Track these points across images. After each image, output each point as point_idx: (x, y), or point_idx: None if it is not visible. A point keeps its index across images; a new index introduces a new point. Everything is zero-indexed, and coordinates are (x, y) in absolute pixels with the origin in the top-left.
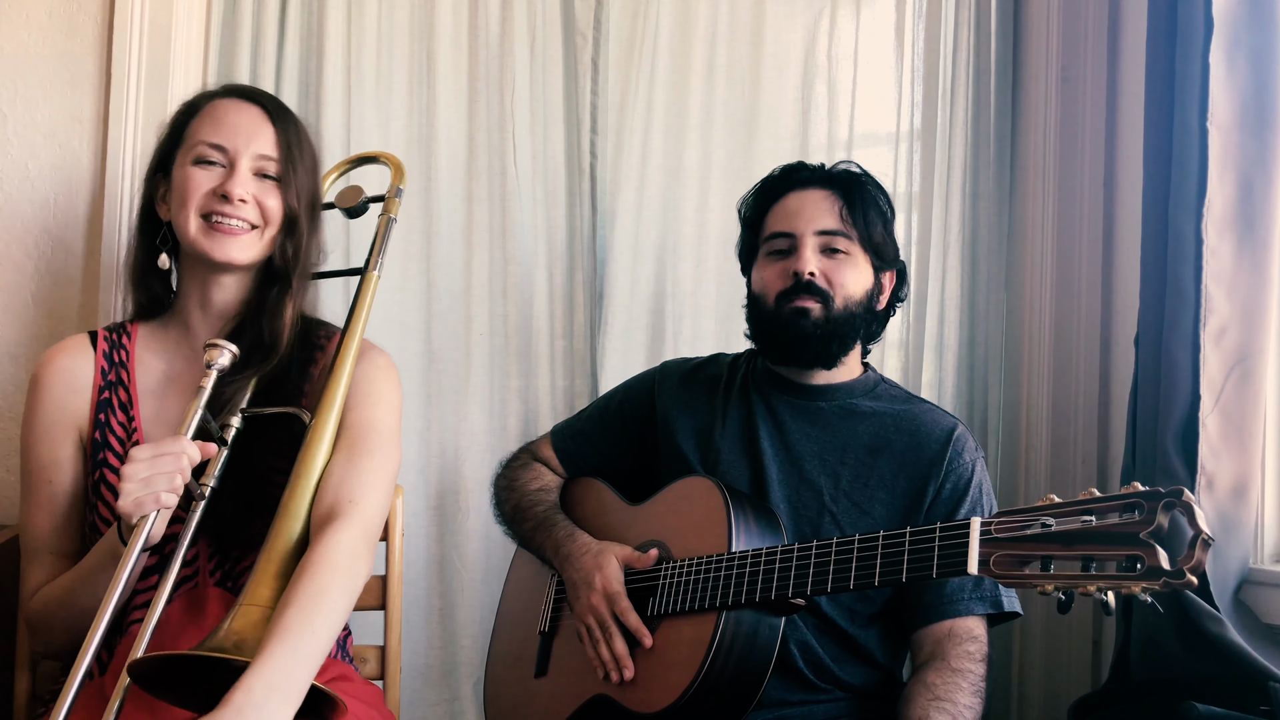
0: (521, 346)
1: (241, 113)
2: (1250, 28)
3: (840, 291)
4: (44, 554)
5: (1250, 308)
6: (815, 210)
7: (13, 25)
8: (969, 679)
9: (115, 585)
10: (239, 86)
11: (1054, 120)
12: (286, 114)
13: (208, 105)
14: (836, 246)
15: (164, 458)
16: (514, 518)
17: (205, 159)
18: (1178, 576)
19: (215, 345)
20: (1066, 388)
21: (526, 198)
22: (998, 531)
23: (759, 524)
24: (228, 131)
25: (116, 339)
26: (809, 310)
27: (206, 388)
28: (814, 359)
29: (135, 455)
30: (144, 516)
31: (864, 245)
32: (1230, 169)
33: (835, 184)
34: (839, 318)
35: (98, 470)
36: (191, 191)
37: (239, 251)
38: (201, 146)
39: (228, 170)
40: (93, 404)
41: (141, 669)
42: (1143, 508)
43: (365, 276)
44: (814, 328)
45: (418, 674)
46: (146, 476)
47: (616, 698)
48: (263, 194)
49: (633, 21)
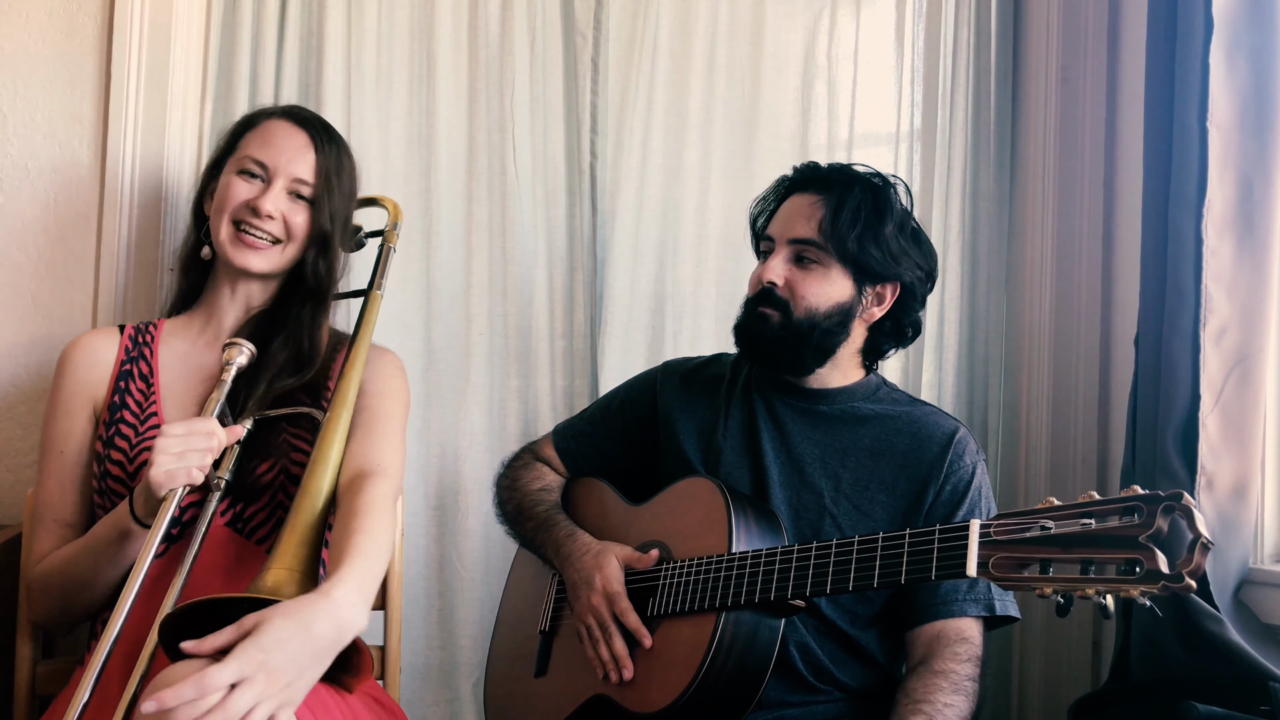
0: (521, 346)
1: (290, 135)
2: (1250, 28)
3: (801, 303)
4: (50, 522)
5: (1250, 308)
6: (796, 217)
7: (13, 25)
8: (950, 678)
9: (145, 556)
10: (296, 110)
11: (1054, 120)
12: (332, 142)
13: (264, 122)
14: (807, 255)
15: (196, 435)
16: (516, 518)
17: (248, 171)
18: (1176, 580)
19: (234, 344)
20: (1066, 388)
21: (526, 198)
22: (997, 534)
23: (760, 525)
24: (273, 151)
25: (143, 327)
26: (768, 317)
27: (227, 381)
28: (775, 363)
29: (168, 430)
30: (173, 490)
31: (839, 257)
32: (1230, 169)
33: (829, 187)
34: (797, 328)
35: (110, 432)
36: (229, 199)
37: (258, 262)
38: (247, 160)
39: (265, 186)
40: (112, 377)
41: (176, 619)
42: (1142, 511)
43: (370, 295)
44: (771, 334)
45: (417, 674)
46: (180, 450)
47: (616, 698)
48: (291, 212)
49: (633, 21)
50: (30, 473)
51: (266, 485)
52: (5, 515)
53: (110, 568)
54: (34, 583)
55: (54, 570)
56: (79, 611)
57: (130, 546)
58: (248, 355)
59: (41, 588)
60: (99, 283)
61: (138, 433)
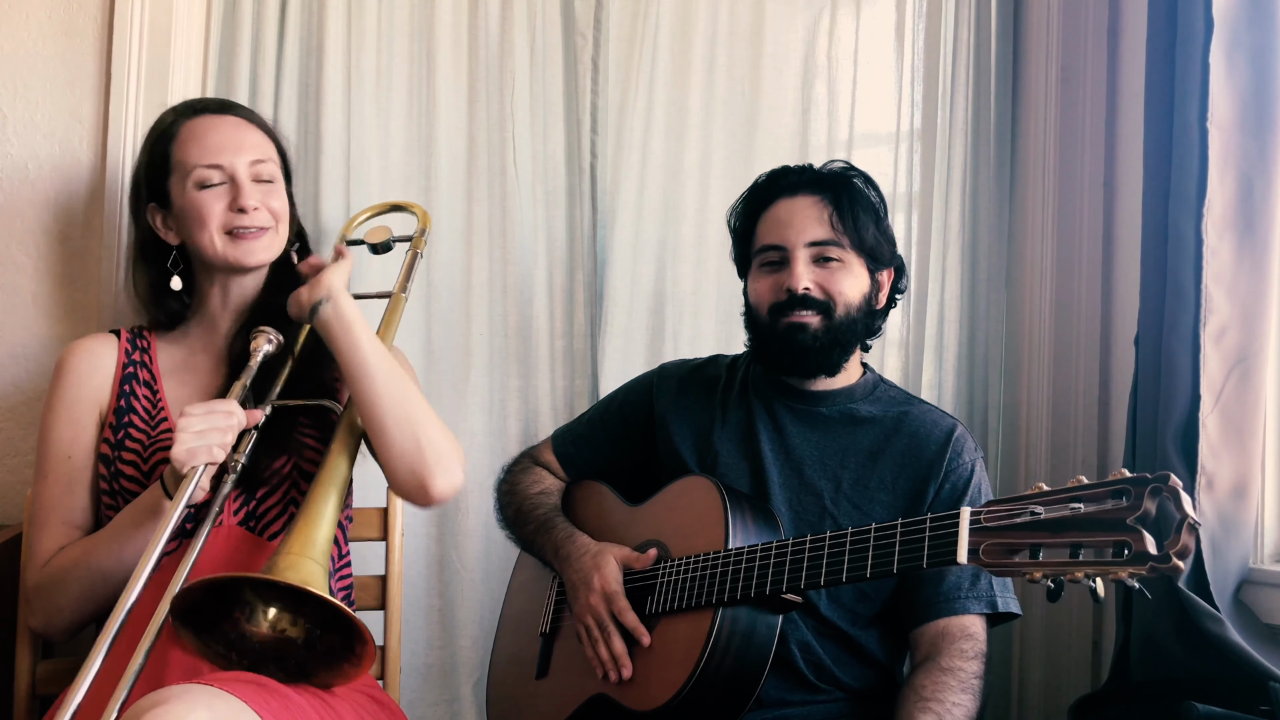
0: (521, 346)
1: (220, 128)
2: (1250, 28)
3: (840, 300)
4: (56, 524)
5: (1250, 308)
6: (804, 220)
7: (13, 25)
8: (959, 676)
9: (161, 534)
10: (203, 102)
11: (1054, 120)
12: (252, 111)
13: (183, 129)
14: (829, 255)
15: (217, 414)
16: (516, 522)
17: (207, 182)
18: (1164, 561)
19: (262, 332)
20: (1066, 388)
21: (526, 198)
22: (987, 520)
23: (757, 522)
24: (215, 150)
25: (138, 330)
26: (807, 325)
27: (254, 367)
28: (816, 369)
29: (190, 411)
30: (193, 468)
31: (857, 249)
32: (1230, 169)
33: (823, 187)
34: (840, 326)
35: (120, 435)
36: (208, 215)
37: (264, 253)
38: (199, 170)
39: (231, 185)
40: (116, 380)
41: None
42: (1130, 494)
43: (395, 298)
44: (813, 340)
45: (417, 674)
46: (201, 429)
47: (615, 697)
48: (268, 197)
49: (633, 21)
50: (30, 473)
51: (279, 477)
52: (5, 515)
53: (134, 556)
54: (42, 583)
55: (70, 563)
56: (92, 608)
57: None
58: (275, 343)
59: (52, 585)
60: (99, 283)
61: (150, 436)
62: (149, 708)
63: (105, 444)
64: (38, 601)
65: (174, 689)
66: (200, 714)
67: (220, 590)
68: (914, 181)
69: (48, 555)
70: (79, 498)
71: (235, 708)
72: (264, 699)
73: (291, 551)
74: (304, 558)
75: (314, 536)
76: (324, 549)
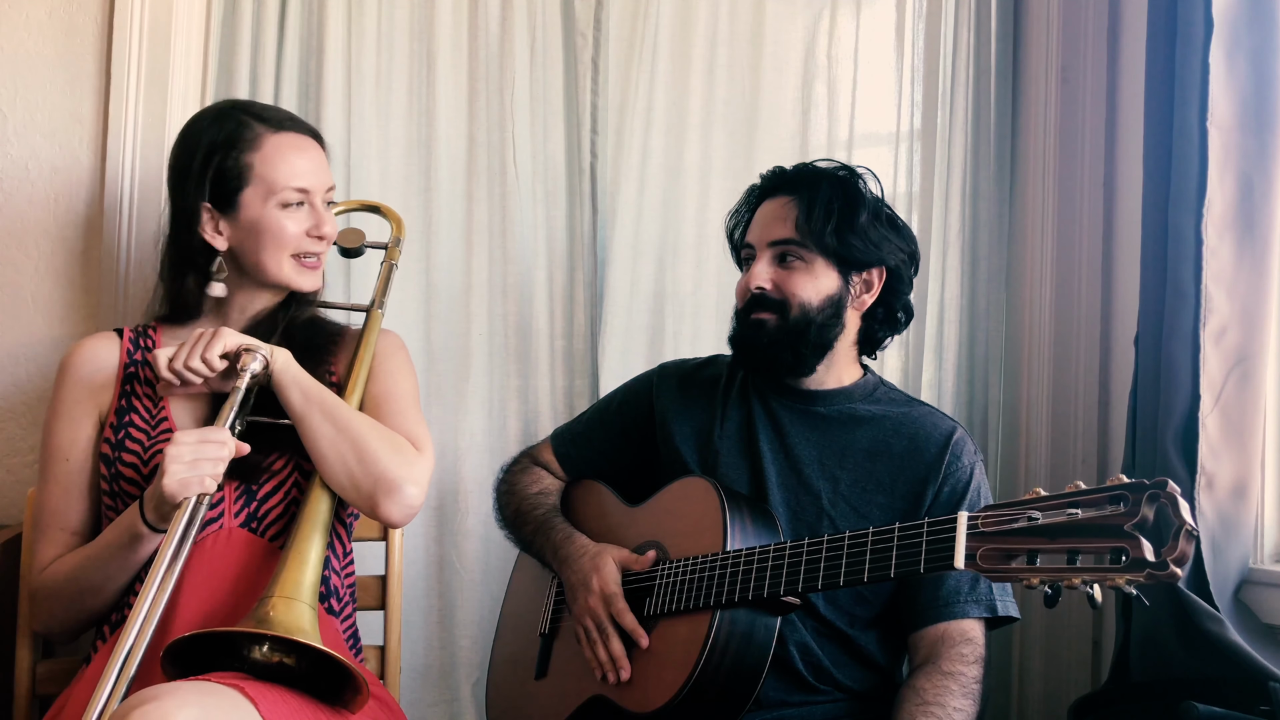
0: (521, 346)
1: (307, 151)
2: (1250, 28)
3: (794, 300)
4: (55, 530)
5: (1250, 308)
6: (771, 221)
7: (13, 25)
8: (960, 681)
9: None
10: (281, 115)
11: (1054, 120)
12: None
13: (269, 141)
14: (789, 254)
15: (209, 444)
16: (514, 522)
17: (290, 203)
18: (1161, 568)
19: (249, 351)
20: (1066, 388)
21: (526, 197)
22: (985, 526)
23: (755, 524)
24: (305, 174)
25: (141, 329)
26: (764, 322)
27: (240, 389)
28: (776, 368)
29: (180, 439)
30: (186, 499)
31: (822, 251)
32: (1230, 169)
33: (796, 187)
34: (794, 326)
35: (120, 436)
36: (289, 237)
37: (319, 280)
38: (288, 192)
39: (311, 210)
40: (117, 380)
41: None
42: (1127, 500)
43: (371, 313)
44: (768, 338)
45: (417, 674)
46: (193, 459)
47: (613, 698)
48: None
49: (633, 21)
50: (30, 472)
51: (276, 474)
52: (5, 515)
53: (120, 573)
54: (39, 590)
55: (61, 577)
56: (86, 618)
57: (141, 550)
58: (263, 363)
59: (48, 595)
60: (99, 283)
61: (150, 436)
62: (136, 705)
63: (106, 444)
64: (37, 607)
65: (163, 686)
66: (190, 711)
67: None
68: (914, 181)
69: (46, 562)
70: (76, 501)
71: (229, 702)
72: (260, 691)
73: (280, 595)
74: (295, 600)
75: (300, 579)
76: (311, 590)
